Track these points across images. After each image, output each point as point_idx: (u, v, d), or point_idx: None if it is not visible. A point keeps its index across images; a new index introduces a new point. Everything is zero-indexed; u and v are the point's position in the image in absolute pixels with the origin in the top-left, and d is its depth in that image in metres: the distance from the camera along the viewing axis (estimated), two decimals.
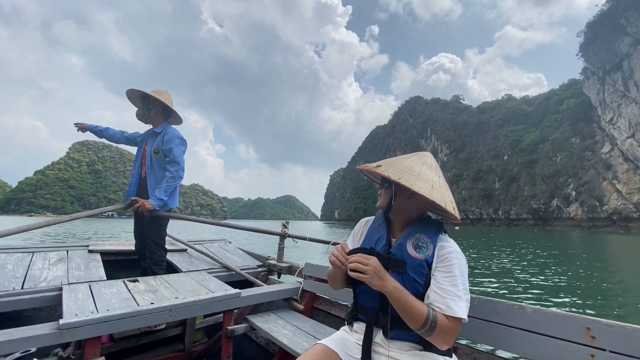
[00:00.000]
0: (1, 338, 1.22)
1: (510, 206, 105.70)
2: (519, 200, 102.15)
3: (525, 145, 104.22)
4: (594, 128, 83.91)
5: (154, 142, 2.66)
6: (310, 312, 2.23)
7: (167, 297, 1.72)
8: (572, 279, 9.76)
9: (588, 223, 77.60)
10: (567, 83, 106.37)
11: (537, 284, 8.67)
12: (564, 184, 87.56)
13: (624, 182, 70.75)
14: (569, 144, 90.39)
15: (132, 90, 2.61)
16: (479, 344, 1.34)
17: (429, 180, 1.08)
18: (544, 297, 7.31)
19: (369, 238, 1.24)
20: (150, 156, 2.64)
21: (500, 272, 10.38)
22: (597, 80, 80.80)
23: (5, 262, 2.19)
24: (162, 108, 2.72)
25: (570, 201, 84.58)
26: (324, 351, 1.13)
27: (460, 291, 1.01)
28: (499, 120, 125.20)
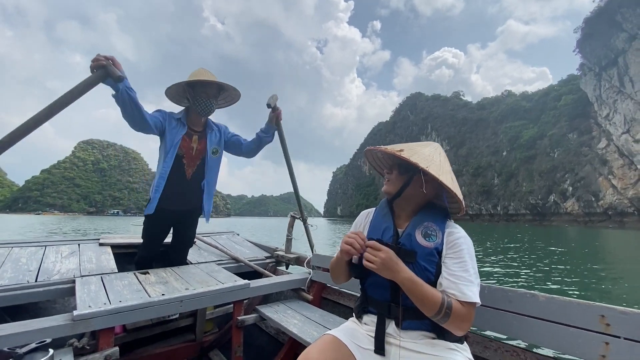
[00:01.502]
0: (18, 329, 1.24)
1: (509, 202, 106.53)
2: (518, 196, 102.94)
3: (523, 141, 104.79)
4: (591, 124, 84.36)
5: (212, 139, 2.29)
6: (319, 302, 2.25)
7: (177, 289, 1.75)
8: (574, 273, 9.73)
9: (584, 218, 78.46)
10: (566, 79, 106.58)
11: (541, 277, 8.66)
12: (561, 179, 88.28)
13: (619, 177, 71.46)
14: (567, 139, 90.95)
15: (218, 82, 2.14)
16: (489, 332, 1.33)
17: (449, 172, 1.09)
18: (553, 289, 7.34)
19: (374, 229, 1.21)
20: (209, 156, 2.29)
21: (501, 269, 10.23)
22: (594, 76, 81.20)
23: (19, 255, 2.25)
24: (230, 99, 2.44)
25: (567, 196, 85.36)
26: (333, 341, 1.12)
27: (472, 276, 1.01)
28: (498, 116, 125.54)
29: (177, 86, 2.16)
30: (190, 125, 2.22)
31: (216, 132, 2.34)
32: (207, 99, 2.13)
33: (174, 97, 2.27)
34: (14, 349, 0.99)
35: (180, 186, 2.21)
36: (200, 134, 2.26)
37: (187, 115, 2.24)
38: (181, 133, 2.16)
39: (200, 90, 2.10)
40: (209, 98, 2.13)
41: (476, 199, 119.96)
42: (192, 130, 2.22)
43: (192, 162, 2.24)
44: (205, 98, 2.12)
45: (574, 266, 11.34)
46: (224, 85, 2.21)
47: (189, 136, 2.21)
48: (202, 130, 2.28)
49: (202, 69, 2.16)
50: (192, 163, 2.24)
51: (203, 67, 2.20)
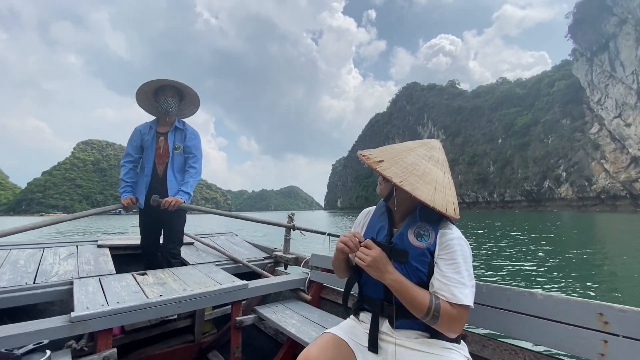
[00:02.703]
0: (15, 331, 1.25)
1: (505, 189, 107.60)
2: (513, 183, 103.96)
3: (517, 128, 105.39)
4: (584, 109, 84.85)
5: (174, 137, 2.57)
6: (317, 302, 2.24)
7: (175, 290, 1.74)
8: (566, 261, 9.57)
9: (578, 203, 79.60)
10: (560, 64, 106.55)
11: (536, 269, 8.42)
12: (555, 165, 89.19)
13: (611, 161, 72.33)
14: (560, 125, 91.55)
15: (170, 81, 2.47)
16: (488, 331, 1.32)
17: (433, 181, 1.04)
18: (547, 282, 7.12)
19: (370, 228, 1.24)
20: (172, 153, 2.55)
21: (499, 258, 10.11)
22: (586, 62, 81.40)
23: (17, 257, 2.25)
24: (190, 103, 2.70)
25: (561, 182, 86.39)
26: (333, 340, 1.12)
27: (465, 278, 1.00)
28: (492, 104, 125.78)
29: (145, 97, 2.56)
30: (157, 128, 2.57)
31: (180, 132, 2.61)
32: (165, 99, 2.47)
33: (148, 109, 2.66)
34: (12, 350, 1.00)
35: (157, 183, 2.53)
36: (165, 134, 2.56)
37: (157, 120, 2.62)
38: (152, 136, 2.54)
39: (160, 94, 2.49)
40: (166, 98, 2.47)
41: (472, 187, 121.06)
42: (159, 132, 2.57)
43: (161, 160, 2.55)
44: (164, 99, 2.47)
45: (565, 252, 11.11)
46: (179, 85, 2.52)
47: (157, 138, 2.55)
48: (167, 131, 2.57)
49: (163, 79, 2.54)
50: (161, 161, 2.55)
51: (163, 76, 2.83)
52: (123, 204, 2.46)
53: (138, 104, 2.60)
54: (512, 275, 7.87)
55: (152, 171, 2.54)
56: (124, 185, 2.55)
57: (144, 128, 2.59)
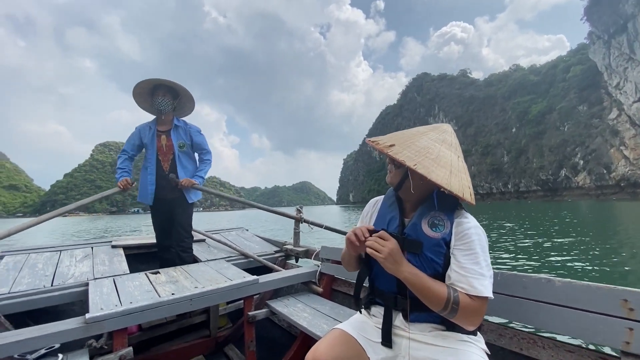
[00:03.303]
0: (33, 334, 1.28)
1: (520, 179, 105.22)
2: (528, 173, 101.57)
3: (532, 116, 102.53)
4: (601, 94, 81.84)
5: (177, 136, 2.66)
6: (329, 294, 2.24)
7: (187, 287, 1.77)
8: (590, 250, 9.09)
9: (596, 191, 77.23)
10: (576, 48, 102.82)
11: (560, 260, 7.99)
12: (571, 153, 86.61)
13: (631, 147, 69.78)
14: (576, 112, 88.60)
15: (160, 80, 2.54)
16: (504, 320, 1.28)
17: (448, 164, 0.99)
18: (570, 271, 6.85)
19: (380, 219, 1.18)
20: (177, 151, 2.64)
21: (516, 249, 9.68)
22: (603, 45, 78.32)
23: (35, 261, 2.33)
24: (186, 101, 2.76)
25: (579, 170, 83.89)
26: (342, 336, 1.10)
27: (483, 268, 0.96)
28: (505, 92, 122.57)
29: (142, 97, 2.64)
30: (157, 127, 2.65)
31: (182, 130, 2.70)
32: (161, 98, 2.55)
33: (147, 109, 2.73)
34: (24, 355, 0.98)
35: (162, 179, 2.61)
36: (166, 132, 2.65)
37: (156, 120, 2.69)
38: (151, 135, 2.61)
39: (156, 93, 2.56)
40: (161, 97, 2.55)
41: (486, 178, 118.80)
42: (160, 131, 2.65)
43: (165, 157, 2.64)
44: (160, 98, 2.55)
45: (587, 242, 10.50)
46: (171, 83, 2.59)
47: (158, 136, 2.63)
48: (168, 129, 2.66)
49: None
50: (165, 158, 2.64)
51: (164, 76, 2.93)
52: (119, 186, 2.55)
53: (138, 105, 2.70)
54: (528, 265, 7.50)
55: (157, 168, 2.62)
56: (120, 171, 2.66)
57: (144, 128, 2.68)
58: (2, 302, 1.73)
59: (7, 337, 1.26)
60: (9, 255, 2.47)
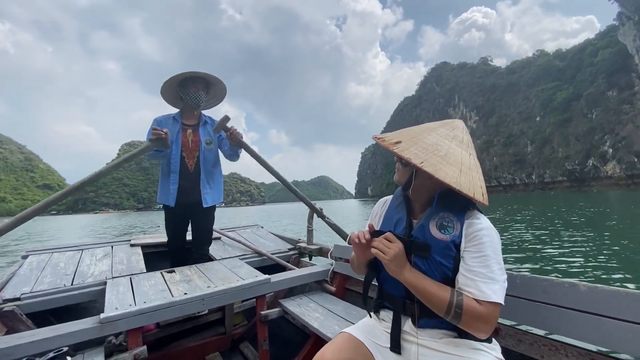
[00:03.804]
0: (49, 334, 1.30)
1: (544, 169, 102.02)
2: (553, 163, 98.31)
3: (557, 104, 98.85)
4: (632, 78, 77.82)
5: (205, 132, 2.47)
6: (342, 294, 2.22)
7: (200, 287, 1.79)
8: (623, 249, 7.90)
9: (627, 181, 74.01)
10: (604, 31, 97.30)
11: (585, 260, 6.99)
12: (600, 141, 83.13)
13: None
14: (605, 98, 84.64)
15: (200, 73, 2.34)
16: (523, 326, 1.22)
17: (457, 161, 0.94)
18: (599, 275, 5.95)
19: (387, 220, 1.14)
20: (203, 147, 2.44)
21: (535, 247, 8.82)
22: (633, 26, 74.21)
23: (58, 260, 2.41)
24: (216, 96, 2.60)
25: (607, 159, 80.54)
26: (350, 340, 1.08)
27: (494, 272, 0.90)
28: (529, 79, 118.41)
29: (170, 88, 2.38)
30: (183, 120, 2.42)
31: (209, 125, 2.51)
32: (196, 91, 2.34)
33: (171, 100, 2.49)
34: (33, 358, 0.99)
35: (186, 179, 2.38)
36: (194, 127, 2.43)
37: (181, 112, 2.45)
38: (177, 128, 2.37)
39: (190, 86, 2.34)
40: (197, 91, 2.34)
41: (509, 169, 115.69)
42: (186, 124, 2.41)
43: (191, 154, 2.41)
44: (195, 91, 2.33)
45: (614, 238, 9.45)
46: (209, 77, 2.39)
47: (184, 130, 2.39)
48: (195, 123, 2.45)
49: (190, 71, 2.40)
50: (191, 155, 2.41)
51: (192, 69, 2.69)
52: (152, 138, 2.14)
53: (162, 96, 2.47)
54: (551, 266, 6.66)
55: (181, 167, 2.38)
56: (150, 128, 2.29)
57: (165, 120, 2.40)
58: (25, 301, 1.78)
59: (24, 337, 1.29)
60: (33, 254, 2.56)
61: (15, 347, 1.25)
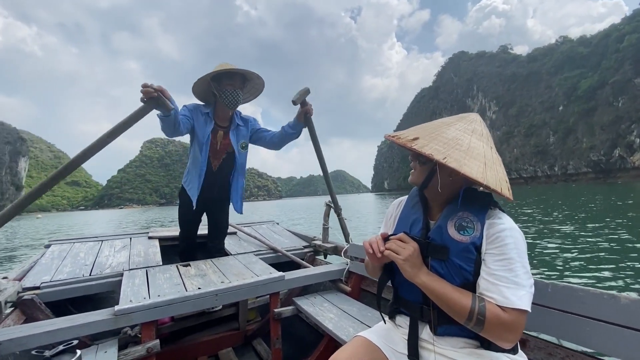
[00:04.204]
0: (64, 324, 1.32)
1: (567, 161, 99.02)
2: (577, 154, 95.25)
3: (581, 92, 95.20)
4: None
5: (239, 135, 2.33)
6: (357, 295, 2.16)
7: (214, 282, 1.78)
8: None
9: None
10: (631, 15, 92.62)
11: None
12: (626, 130, 79.95)
13: None
14: (632, 85, 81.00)
15: (241, 70, 2.10)
16: (555, 339, 1.12)
17: (481, 155, 0.88)
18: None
19: (402, 221, 1.08)
20: (238, 152, 2.33)
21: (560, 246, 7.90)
22: None
23: (78, 250, 2.45)
24: (251, 92, 2.40)
25: (635, 149, 77.51)
26: (365, 344, 1.03)
27: (519, 276, 0.82)
28: (551, 67, 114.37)
29: (202, 82, 2.14)
30: (217, 120, 2.25)
31: (243, 127, 2.36)
32: (233, 90, 2.11)
33: (200, 95, 2.27)
34: (43, 351, 0.99)
35: (207, 178, 2.30)
36: (225, 129, 2.29)
37: (214, 110, 2.25)
38: (209, 129, 2.21)
39: (226, 82, 2.10)
40: (235, 89, 2.12)
41: (530, 161, 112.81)
42: (218, 125, 2.27)
43: (216, 155, 2.31)
44: (232, 89, 2.11)
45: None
46: (248, 74, 2.19)
47: (215, 132, 2.26)
48: (227, 125, 2.30)
49: (225, 62, 2.17)
50: (217, 156, 2.31)
51: (226, 62, 2.16)
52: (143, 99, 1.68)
53: (193, 90, 2.27)
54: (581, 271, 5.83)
55: (207, 167, 2.30)
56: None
57: (196, 110, 2.21)
58: (44, 290, 1.80)
59: (41, 327, 1.31)
60: (55, 244, 2.62)
61: (30, 336, 1.27)
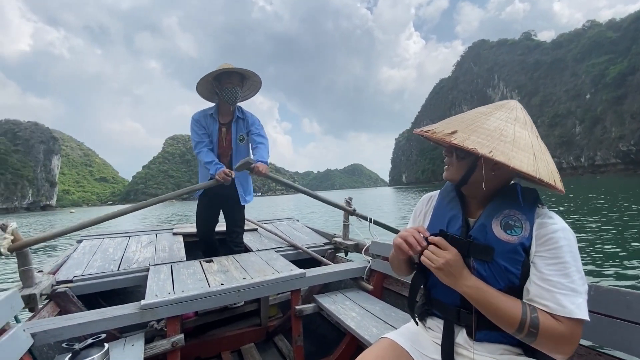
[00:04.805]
0: (95, 317, 1.40)
1: (595, 151, 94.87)
2: (605, 144, 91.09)
3: (610, 79, 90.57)
4: None
5: (238, 128, 2.49)
6: (380, 293, 2.11)
7: (236, 278, 1.81)
8: None
9: None
10: None
11: None
12: None
13: None
14: None
15: (236, 68, 2.32)
16: (597, 345, 1.04)
17: (529, 146, 0.79)
18: None
19: (437, 218, 0.98)
20: (235, 145, 2.48)
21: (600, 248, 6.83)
22: None
23: (108, 246, 2.54)
24: (250, 88, 2.59)
25: None
26: (392, 347, 0.97)
27: (575, 282, 0.74)
28: (577, 54, 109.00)
29: (205, 82, 2.38)
30: (220, 119, 2.46)
31: (242, 122, 2.52)
32: (232, 87, 2.33)
33: (205, 95, 2.49)
34: (73, 344, 1.04)
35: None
36: (227, 125, 2.47)
37: (217, 109, 2.47)
38: (215, 127, 2.43)
39: (226, 81, 2.32)
40: (234, 86, 2.33)
41: (554, 152, 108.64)
42: (221, 123, 2.46)
43: (225, 152, 2.50)
44: (231, 87, 2.32)
45: None
46: (246, 72, 2.40)
47: (220, 129, 2.46)
48: (229, 121, 2.48)
49: (226, 63, 2.38)
50: (225, 153, 2.50)
51: (234, 60, 2.96)
52: (218, 179, 2.24)
53: (197, 90, 2.48)
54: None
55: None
56: (212, 163, 2.35)
57: (204, 117, 2.46)
58: (76, 283, 1.89)
59: (74, 319, 1.40)
60: (86, 239, 2.71)
61: (63, 328, 1.34)
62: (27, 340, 1.26)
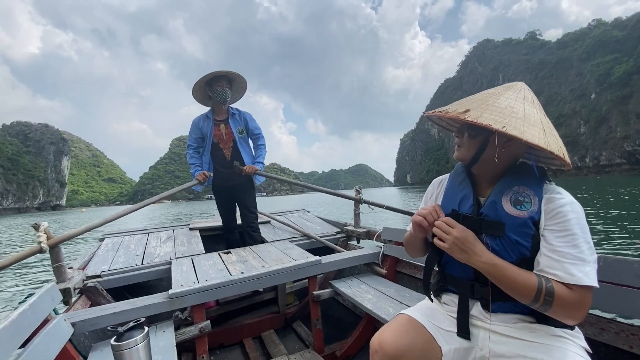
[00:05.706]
0: (127, 307, 1.51)
1: (600, 151, 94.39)
2: (610, 144, 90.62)
3: (615, 78, 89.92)
4: None
5: (235, 123, 2.77)
6: (393, 276, 2.19)
7: (255, 267, 1.89)
8: None
9: None
10: None
11: None
12: None
13: None
14: None
15: (223, 72, 2.63)
16: (606, 313, 1.08)
17: (538, 122, 0.83)
18: None
19: (449, 198, 1.02)
20: (237, 137, 2.76)
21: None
22: None
23: (129, 243, 2.66)
24: (238, 87, 2.86)
25: None
26: (409, 322, 0.99)
27: (584, 252, 0.78)
28: (582, 53, 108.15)
29: (198, 87, 2.70)
30: (215, 117, 2.75)
31: (238, 117, 2.82)
32: (222, 89, 2.63)
33: (201, 100, 2.82)
34: (116, 327, 1.11)
35: (224, 167, 2.76)
36: (224, 121, 2.75)
37: (212, 110, 2.77)
38: (210, 126, 2.72)
39: (216, 84, 2.63)
40: (223, 88, 2.64)
41: None
42: (217, 120, 2.74)
43: (226, 145, 2.77)
44: (221, 89, 2.63)
45: None
46: (231, 74, 2.69)
47: (217, 126, 2.73)
48: (225, 118, 2.76)
49: (215, 71, 2.68)
50: (227, 146, 2.77)
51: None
52: (198, 179, 2.64)
53: (193, 96, 2.80)
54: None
55: (219, 157, 2.77)
56: (193, 166, 2.77)
57: (201, 119, 2.76)
58: (104, 278, 1.99)
59: (107, 309, 1.51)
60: (108, 237, 2.84)
61: (100, 317, 1.45)
62: (68, 329, 1.34)
